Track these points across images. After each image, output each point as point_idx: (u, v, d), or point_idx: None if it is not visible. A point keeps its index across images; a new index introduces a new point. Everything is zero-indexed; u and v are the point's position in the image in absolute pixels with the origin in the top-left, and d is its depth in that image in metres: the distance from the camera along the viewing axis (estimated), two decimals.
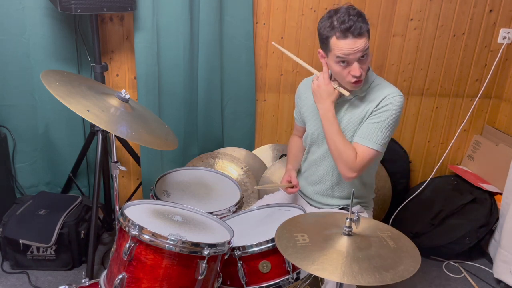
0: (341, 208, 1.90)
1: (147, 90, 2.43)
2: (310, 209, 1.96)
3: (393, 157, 2.80)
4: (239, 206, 2.00)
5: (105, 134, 2.26)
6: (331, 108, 1.74)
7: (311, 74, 1.95)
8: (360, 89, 1.75)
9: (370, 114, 1.73)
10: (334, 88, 1.74)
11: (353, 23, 1.59)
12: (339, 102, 1.80)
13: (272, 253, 1.58)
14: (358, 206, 1.91)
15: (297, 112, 2.04)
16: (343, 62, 1.65)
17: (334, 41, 1.63)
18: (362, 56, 1.64)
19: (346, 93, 1.72)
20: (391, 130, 1.73)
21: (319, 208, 1.94)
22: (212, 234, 1.58)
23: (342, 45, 1.62)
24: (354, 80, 1.67)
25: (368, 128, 1.72)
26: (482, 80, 2.80)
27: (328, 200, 1.92)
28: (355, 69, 1.65)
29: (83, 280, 1.65)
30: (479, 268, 2.58)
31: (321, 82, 1.75)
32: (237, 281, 1.61)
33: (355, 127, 1.77)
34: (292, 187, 1.93)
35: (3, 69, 2.38)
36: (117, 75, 2.55)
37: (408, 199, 2.83)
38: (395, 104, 1.70)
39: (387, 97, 1.70)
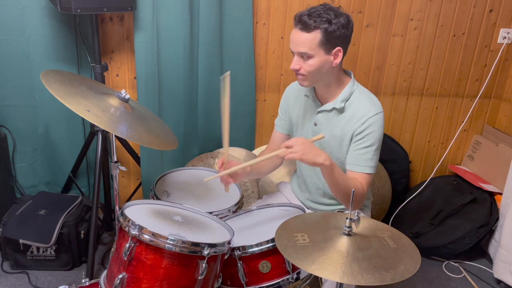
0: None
1: (147, 90, 2.43)
2: (307, 212, 1.96)
3: (393, 157, 2.81)
4: (239, 206, 2.00)
5: (105, 134, 2.26)
6: (329, 158, 1.56)
7: None
8: (337, 100, 1.69)
9: (355, 138, 1.66)
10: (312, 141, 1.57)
11: (306, 15, 1.57)
12: (319, 111, 1.75)
13: (272, 253, 1.58)
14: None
15: (282, 118, 1.94)
16: (292, 52, 1.65)
17: None
18: (303, 55, 1.59)
19: (319, 137, 1.58)
20: (379, 149, 1.69)
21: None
22: (212, 234, 1.58)
23: (291, 33, 1.63)
24: (295, 73, 1.66)
25: (359, 154, 1.67)
26: (482, 80, 2.80)
27: (322, 207, 1.90)
28: (293, 62, 1.64)
29: (83, 280, 1.65)
30: (479, 268, 2.58)
31: (300, 144, 1.52)
32: (237, 281, 1.61)
33: (337, 142, 1.72)
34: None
35: (3, 69, 2.38)
36: (117, 75, 2.55)
37: (408, 199, 2.83)
38: (377, 124, 1.64)
39: (367, 120, 1.63)
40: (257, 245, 1.57)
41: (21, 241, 2.24)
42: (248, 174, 1.82)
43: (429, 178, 2.87)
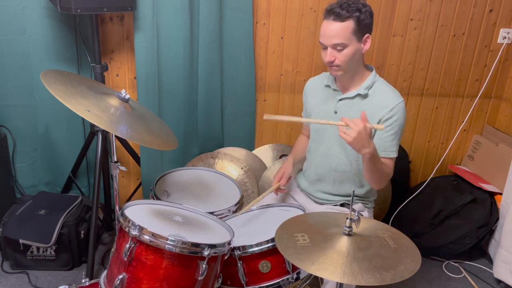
0: (341, 204, 1.92)
1: (147, 90, 2.43)
2: (310, 203, 1.98)
3: None
4: (239, 206, 2.00)
5: (105, 134, 2.26)
6: (374, 149, 1.62)
7: (311, 75, 2.02)
8: (362, 87, 1.78)
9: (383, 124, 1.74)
10: (370, 128, 1.58)
11: (337, 7, 1.66)
12: (341, 99, 1.83)
13: (272, 253, 1.58)
14: (360, 205, 1.92)
15: (304, 110, 2.07)
16: (324, 46, 1.73)
17: None
18: (337, 46, 1.68)
19: (380, 127, 1.62)
20: (402, 134, 1.80)
21: (320, 203, 1.95)
22: (212, 235, 1.58)
23: (322, 26, 1.72)
24: (329, 65, 1.74)
25: (387, 140, 1.76)
26: (482, 80, 2.80)
27: (329, 197, 1.93)
28: (327, 55, 1.72)
29: (83, 280, 1.65)
30: (479, 268, 2.58)
31: (359, 131, 1.54)
32: (237, 281, 1.61)
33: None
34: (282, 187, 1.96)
35: (3, 69, 2.38)
36: (117, 75, 2.55)
37: (408, 199, 2.83)
38: (401, 112, 1.74)
39: (394, 108, 1.73)
40: (257, 245, 1.57)
41: (21, 241, 2.24)
42: (295, 165, 2.06)
43: (429, 178, 2.86)
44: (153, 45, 2.36)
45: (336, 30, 1.67)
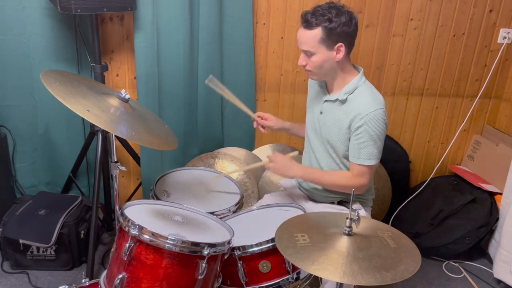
0: (339, 202, 1.93)
1: (147, 90, 2.43)
2: (308, 201, 1.99)
3: (393, 157, 2.80)
4: (239, 206, 2.00)
5: (105, 134, 2.26)
6: (301, 169, 1.84)
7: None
8: (342, 92, 1.76)
9: (354, 132, 1.73)
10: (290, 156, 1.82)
11: (310, 13, 1.66)
12: (325, 101, 1.83)
13: (272, 253, 1.58)
14: (357, 203, 1.92)
15: None
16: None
17: None
18: (306, 52, 1.71)
19: (295, 153, 1.83)
20: (380, 142, 1.73)
21: (319, 201, 1.96)
22: (212, 234, 1.58)
23: (298, 31, 1.74)
24: (304, 68, 1.78)
25: (358, 148, 1.73)
26: (482, 80, 2.80)
27: (327, 194, 1.93)
28: (300, 58, 1.76)
29: (83, 280, 1.65)
30: (479, 268, 2.58)
31: (277, 160, 1.81)
32: (237, 281, 1.61)
33: (336, 131, 1.79)
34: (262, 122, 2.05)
35: (3, 69, 2.38)
36: (117, 75, 2.55)
37: (408, 199, 2.83)
38: (373, 121, 1.68)
39: (365, 116, 1.68)
40: (257, 245, 1.57)
41: (21, 241, 2.24)
42: (285, 130, 2.11)
43: (429, 178, 2.86)
44: (153, 45, 2.37)
45: (304, 37, 1.69)
